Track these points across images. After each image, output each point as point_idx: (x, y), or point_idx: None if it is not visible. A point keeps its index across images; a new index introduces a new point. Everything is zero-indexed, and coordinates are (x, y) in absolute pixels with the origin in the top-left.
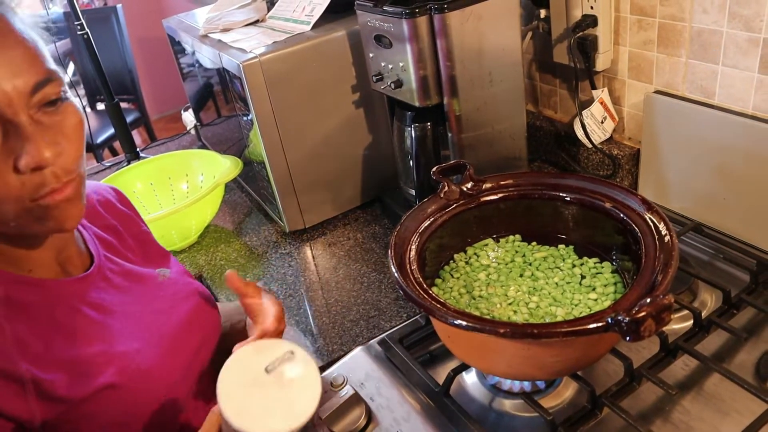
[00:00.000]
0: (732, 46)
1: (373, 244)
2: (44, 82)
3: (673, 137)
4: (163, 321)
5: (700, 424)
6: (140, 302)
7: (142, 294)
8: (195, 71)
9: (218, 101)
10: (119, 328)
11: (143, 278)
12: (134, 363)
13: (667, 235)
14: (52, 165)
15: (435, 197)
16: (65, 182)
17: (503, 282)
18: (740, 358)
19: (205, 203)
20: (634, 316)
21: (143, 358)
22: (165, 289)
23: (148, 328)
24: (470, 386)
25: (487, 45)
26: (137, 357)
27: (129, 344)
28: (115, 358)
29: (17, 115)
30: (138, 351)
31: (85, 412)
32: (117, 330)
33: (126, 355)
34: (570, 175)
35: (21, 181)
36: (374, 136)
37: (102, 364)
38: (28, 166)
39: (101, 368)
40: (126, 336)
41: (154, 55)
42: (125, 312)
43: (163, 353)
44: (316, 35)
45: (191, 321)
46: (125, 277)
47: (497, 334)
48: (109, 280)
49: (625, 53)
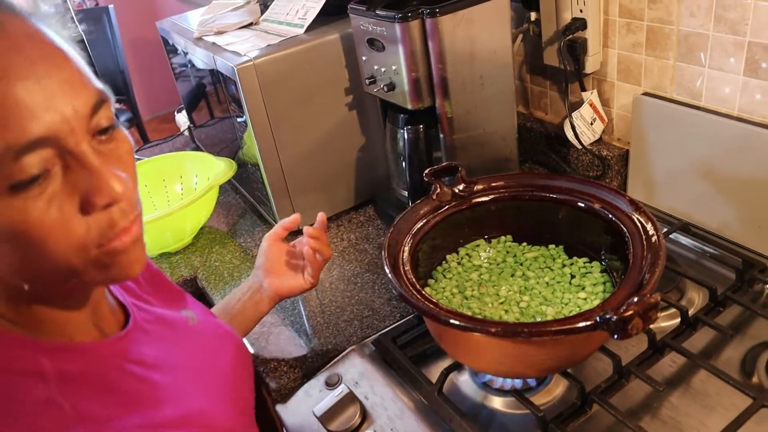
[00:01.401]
0: (718, 49)
1: (367, 245)
2: (100, 104)
3: (662, 138)
4: (214, 369)
5: (687, 420)
6: (183, 351)
7: (180, 341)
8: (188, 73)
9: (211, 103)
10: (175, 384)
11: (174, 324)
12: (207, 422)
13: (655, 236)
14: (121, 200)
15: (427, 199)
16: (132, 219)
17: (495, 282)
18: (726, 355)
19: (200, 205)
20: (621, 315)
21: (212, 414)
22: (200, 333)
23: (203, 379)
24: (462, 384)
25: (478, 48)
26: (207, 415)
27: (194, 402)
28: (188, 420)
29: (79, 144)
30: (206, 409)
31: None
32: (174, 386)
33: (201, 414)
34: (560, 177)
35: (87, 224)
36: (367, 138)
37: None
38: (102, 204)
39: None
40: (187, 392)
41: (146, 55)
42: (173, 365)
43: (226, 405)
44: (310, 38)
45: (237, 365)
46: (159, 324)
47: (488, 334)
48: (147, 332)
49: (614, 56)
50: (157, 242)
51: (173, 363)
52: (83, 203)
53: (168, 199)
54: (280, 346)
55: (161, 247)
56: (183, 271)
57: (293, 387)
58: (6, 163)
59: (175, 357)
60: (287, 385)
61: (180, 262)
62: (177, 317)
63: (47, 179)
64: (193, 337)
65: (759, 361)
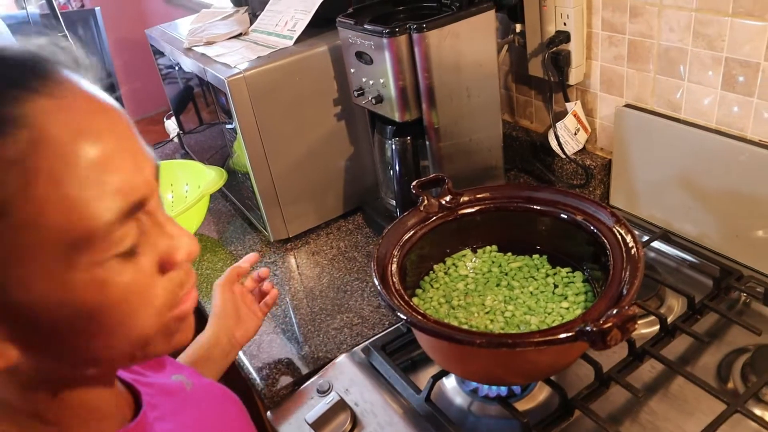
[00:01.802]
0: (696, 63)
1: (356, 252)
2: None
3: (643, 149)
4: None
5: (666, 424)
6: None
7: (186, 410)
8: (178, 81)
9: (200, 106)
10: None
11: (173, 392)
12: None
13: (634, 248)
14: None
15: (415, 210)
16: (194, 282)
17: (480, 291)
18: (703, 361)
19: (191, 214)
20: (600, 327)
21: None
22: (199, 398)
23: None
24: (450, 391)
25: (465, 61)
26: None
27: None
28: None
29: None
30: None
31: None
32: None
33: None
34: (544, 188)
35: (163, 286)
36: (355, 147)
37: None
38: (181, 260)
39: None
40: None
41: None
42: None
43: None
44: (299, 50)
45: (242, 425)
46: (162, 396)
47: (474, 345)
48: (156, 407)
49: (597, 67)
50: None
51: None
52: (162, 263)
53: None
54: (272, 353)
55: None
56: None
57: (285, 394)
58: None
59: (187, 428)
60: (279, 392)
61: None
62: (173, 384)
63: None
64: (195, 403)
65: (734, 367)
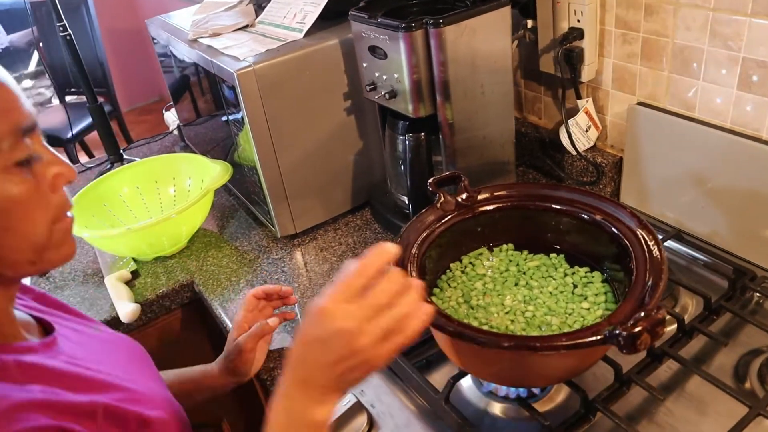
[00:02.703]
0: (712, 62)
1: (365, 249)
2: None
3: (655, 147)
4: (130, 363)
5: (683, 425)
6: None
7: (97, 346)
8: (175, 72)
9: (199, 102)
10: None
11: (83, 332)
12: (158, 393)
13: (656, 250)
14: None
15: (432, 208)
16: (70, 207)
17: (499, 291)
18: (719, 361)
19: (196, 209)
20: (631, 331)
21: (156, 391)
22: (107, 339)
23: (128, 370)
24: (466, 390)
25: (480, 56)
26: (153, 390)
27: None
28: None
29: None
30: (151, 385)
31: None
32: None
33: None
34: (562, 187)
35: (56, 200)
36: (365, 142)
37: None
38: (70, 179)
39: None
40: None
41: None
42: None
43: (158, 385)
44: (309, 43)
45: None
46: (75, 333)
47: (501, 348)
48: (65, 337)
49: (609, 65)
50: (153, 246)
51: (100, 357)
52: (52, 183)
53: (161, 202)
54: (282, 353)
55: (157, 251)
56: (179, 275)
57: None
58: (14, 141)
59: (98, 354)
60: None
61: (176, 266)
62: (82, 327)
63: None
64: (101, 339)
65: (751, 368)
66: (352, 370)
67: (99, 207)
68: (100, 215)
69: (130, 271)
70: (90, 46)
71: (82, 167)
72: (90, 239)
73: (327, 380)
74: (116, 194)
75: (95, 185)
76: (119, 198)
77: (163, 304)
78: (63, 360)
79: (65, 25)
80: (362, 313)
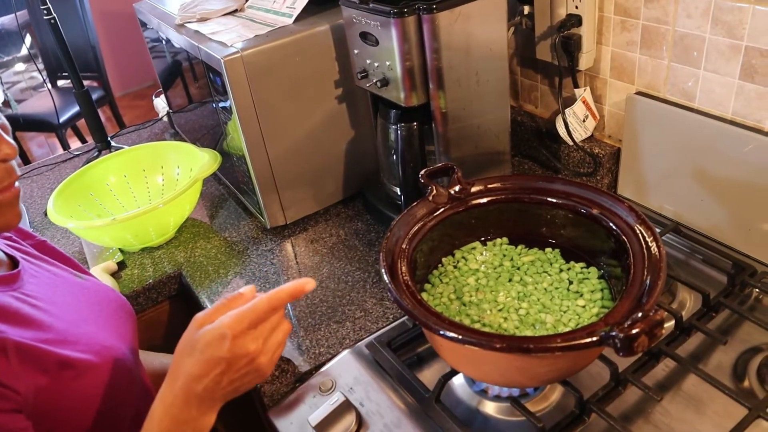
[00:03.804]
0: (714, 51)
1: (356, 240)
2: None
3: (654, 138)
4: (99, 311)
5: (680, 425)
6: (68, 293)
7: (70, 290)
8: (167, 57)
9: (191, 89)
10: (62, 313)
11: (62, 276)
12: (99, 341)
13: (655, 246)
14: (14, 157)
15: (424, 201)
16: (16, 177)
17: (492, 287)
18: (717, 359)
19: (184, 199)
20: (628, 333)
21: (102, 338)
22: (87, 287)
23: (89, 316)
24: (458, 388)
25: (475, 44)
26: (98, 337)
27: (78, 328)
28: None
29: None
30: (95, 333)
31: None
32: (65, 317)
33: (87, 335)
34: (557, 180)
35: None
36: (356, 131)
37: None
38: (7, 157)
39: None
40: (71, 319)
41: (117, 30)
42: (62, 303)
43: (113, 335)
44: (299, 29)
45: (120, 311)
46: (48, 275)
47: (493, 349)
48: (36, 277)
49: (607, 53)
50: (139, 237)
51: (61, 300)
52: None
53: (149, 191)
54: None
55: (143, 241)
56: (166, 267)
57: (285, 392)
58: None
59: (64, 299)
60: (279, 390)
61: (163, 258)
62: (65, 273)
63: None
64: (78, 286)
65: (750, 367)
66: (247, 384)
67: (85, 196)
68: (86, 205)
69: (116, 262)
70: (82, 29)
71: (70, 155)
72: (75, 230)
73: (224, 393)
74: (103, 183)
75: (81, 174)
76: (106, 187)
77: (150, 296)
78: (11, 295)
79: (49, 9)
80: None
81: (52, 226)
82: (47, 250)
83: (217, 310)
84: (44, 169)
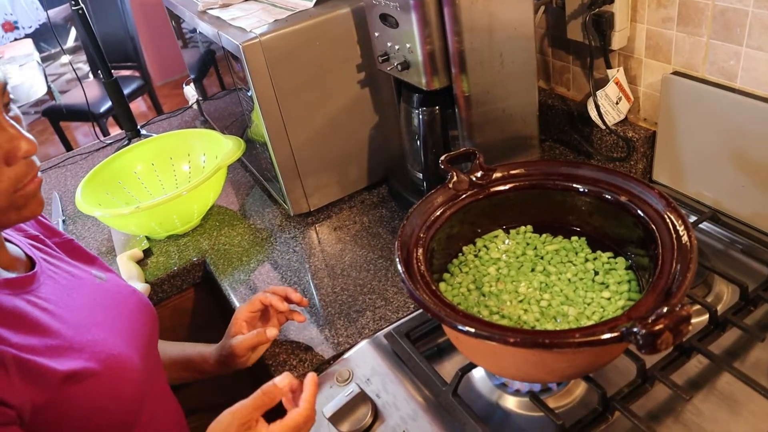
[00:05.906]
0: (758, 26)
1: (380, 228)
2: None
3: (692, 120)
4: (115, 315)
5: (712, 425)
6: (86, 299)
7: (86, 292)
8: (199, 46)
9: (224, 77)
10: (76, 321)
11: (82, 278)
12: (106, 348)
13: (686, 236)
14: (34, 153)
15: (444, 188)
16: (37, 169)
17: (514, 277)
18: (754, 356)
19: (208, 186)
20: (650, 329)
21: (111, 344)
22: (106, 289)
23: (103, 320)
24: (477, 381)
25: (498, 24)
26: (106, 343)
27: (90, 334)
28: (86, 345)
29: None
30: (104, 339)
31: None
32: (75, 322)
33: (95, 342)
34: (583, 165)
35: (12, 172)
36: (380, 115)
37: (75, 350)
38: (27, 154)
39: (74, 354)
40: (85, 327)
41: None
42: (76, 306)
43: (124, 340)
44: (320, 12)
45: (139, 314)
46: (66, 276)
47: (507, 343)
48: (53, 279)
49: (642, 31)
50: (164, 225)
51: (78, 306)
52: (6, 158)
53: (176, 178)
54: (290, 336)
55: (168, 229)
56: (191, 254)
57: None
58: None
59: (80, 302)
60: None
61: (188, 245)
62: (85, 274)
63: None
64: (99, 290)
65: None
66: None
67: (114, 184)
68: (114, 193)
69: (142, 250)
70: (121, 20)
71: (102, 143)
72: (101, 218)
73: None
74: (131, 171)
75: (109, 162)
76: (134, 175)
77: (174, 284)
78: (24, 298)
79: (77, 0)
80: None
81: (83, 213)
82: (71, 250)
83: (256, 408)
84: (78, 157)
